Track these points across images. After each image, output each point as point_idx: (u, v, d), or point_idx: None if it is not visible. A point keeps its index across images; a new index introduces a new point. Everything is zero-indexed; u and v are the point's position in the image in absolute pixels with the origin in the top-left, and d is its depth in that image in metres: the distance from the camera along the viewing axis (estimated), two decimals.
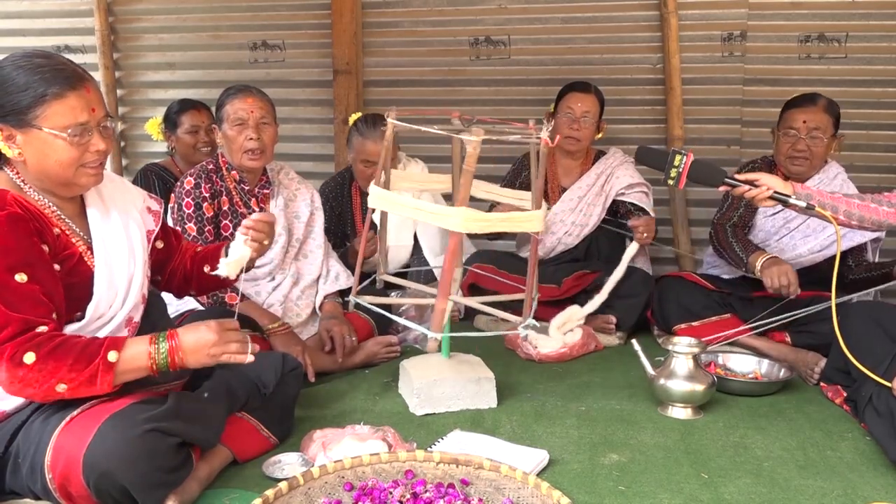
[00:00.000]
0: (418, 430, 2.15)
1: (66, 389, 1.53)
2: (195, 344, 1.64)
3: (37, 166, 1.63)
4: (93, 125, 1.63)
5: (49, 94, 1.57)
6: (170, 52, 4.20)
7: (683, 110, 3.73)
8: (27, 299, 1.53)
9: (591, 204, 3.20)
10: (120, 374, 1.57)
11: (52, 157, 1.60)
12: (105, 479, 1.50)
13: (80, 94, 1.60)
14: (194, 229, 2.54)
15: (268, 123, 2.60)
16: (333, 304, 2.75)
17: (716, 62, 3.74)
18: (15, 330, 1.51)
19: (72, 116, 1.59)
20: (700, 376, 2.26)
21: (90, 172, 1.66)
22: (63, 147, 1.60)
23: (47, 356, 1.51)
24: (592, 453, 2.00)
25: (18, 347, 1.50)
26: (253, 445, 1.95)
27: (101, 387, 1.55)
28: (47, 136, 1.59)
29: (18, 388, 1.52)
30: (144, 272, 1.82)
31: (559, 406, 2.34)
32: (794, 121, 2.80)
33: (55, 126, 1.58)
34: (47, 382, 1.52)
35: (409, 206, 2.15)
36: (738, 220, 2.97)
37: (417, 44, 3.99)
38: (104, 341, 1.57)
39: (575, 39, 3.84)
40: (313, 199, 2.84)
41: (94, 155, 1.64)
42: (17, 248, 1.54)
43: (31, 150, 1.61)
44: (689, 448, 2.04)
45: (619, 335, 3.04)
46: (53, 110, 1.58)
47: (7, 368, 1.50)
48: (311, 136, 4.15)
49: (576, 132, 3.13)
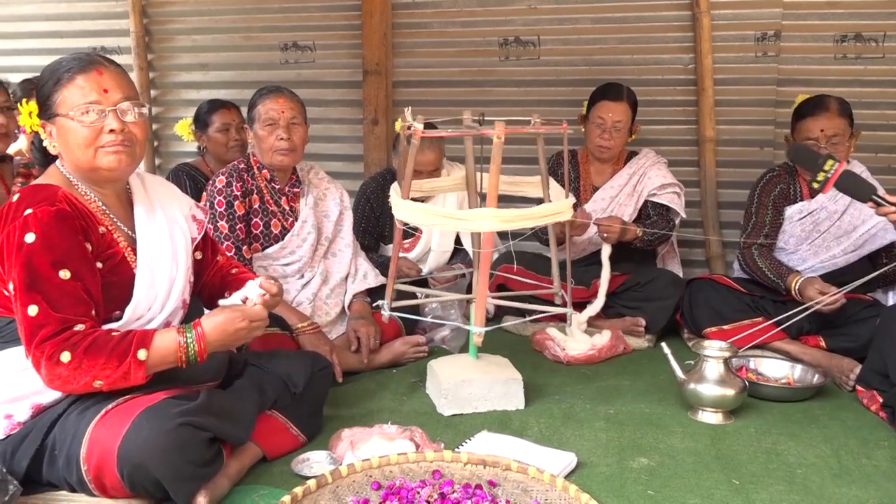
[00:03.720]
0: (446, 430, 2.15)
1: (103, 385, 1.58)
2: (222, 330, 1.68)
3: (66, 156, 1.69)
4: (106, 106, 1.65)
5: (63, 78, 1.64)
6: (202, 54, 4.26)
7: (715, 111, 3.68)
8: (68, 296, 1.57)
9: (622, 204, 3.17)
10: (151, 367, 1.61)
11: (71, 142, 1.65)
12: (139, 471, 1.53)
13: (88, 76, 1.64)
14: (226, 227, 2.57)
15: (298, 124, 2.62)
16: (362, 303, 2.77)
17: (749, 62, 3.68)
18: (54, 329, 1.54)
19: (80, 96, 1.64)
20: (731, 381, 2.23)
21: (108, 151, 1.67)
22: (76, 129, 1.64)
23: (82, 355, 1.54)
24: (621, 457, 1.99)
25: (56, 347, 1.53)
26: (282, 443, 1.96)
27: (134, 381, 1.60)
28: (65, 122, 1.64)
29: (58, 384, 1.57)
30: (187, 277, 1.84)
31: (587, 409, 2.32)
32: (810, 131, 2.75)
33: (69, 108, 1.64)
34: (84, 379, 1.56)
35: (437, 216, 2.16)
36: (764, 239, 2.93)
37: (447, 44, 3.99)
38: (133, 337, 1.60)
39: (605, 40, 3.81)
40: (342, 199, 2.86)
41: (110, 136, 1.66)
42: (62, 245, 1.58)
43: (60, 141, 1.67)
44: (719, 453, 2.02)
45: (648, 338, 3.01)
46: (66, 94, 1.64)
47: (46, 367, 1.54)
48: (340, 136, 4.17)
49: (606, 142, 3.11)
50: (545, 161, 2.36)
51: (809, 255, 2.86)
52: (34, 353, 1.55)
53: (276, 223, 2.69)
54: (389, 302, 2.35)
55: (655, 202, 3.16)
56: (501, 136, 2.00)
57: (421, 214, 2.19)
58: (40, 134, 1.71)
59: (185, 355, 1.64)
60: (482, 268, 2.11)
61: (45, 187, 1.65)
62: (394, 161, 3.16)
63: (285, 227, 2.70)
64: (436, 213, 2.19)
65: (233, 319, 1.69)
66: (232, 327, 1.69)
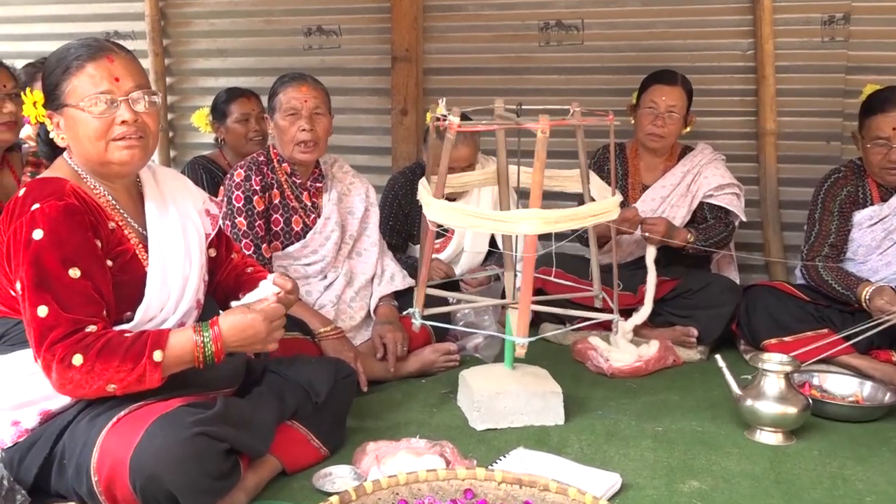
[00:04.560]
0: (478, 446, 2.15)
1: (116, 389, 1.61)
2: (240, 330, 1.70)
3: (75, 149, 1.72)
4: (118, 95, 1.68)
5: (72, 67, 1.67)
6: (221, 39, 4.32)
7: (777, 101, 3.64)
8: (79, 296, 1.60)
9: (674, 205, 3.15)
10: (167, 369, 1.64)
11: (81, 134, 1.68)
12: (152, 482, 1.55)
13: (99, 64, 1.67)
14: (244, 224, 2.60)
15: (322, 114, 2.64)
16: (389, 307, 2.78)
17: (815, 48, 3.63)
18: (65, 331, 1.58)
19: (91, 86, 1.66)
20: (793, 398, 2.20)
21: (121, 146, 1.70)
22: (87, 120, 1.67)
23: (95, 358, 1.57)
24: (670, 479, 1.97)
25: (68, 349, 1.57)
26: (303, 456, 1.98)
27: (150, 384, 1.63)
28: (74, 112, 1.67)
29: (70, 389, 1.60)
30: (201, 276, 1.87)
31: (633, 426, 2.31)
32: (880, 129, 2.71)
33: (78, 98, 1.66)
34: (97, 383, 1.59)
35: (474, 217, 2.13)
36: (829, 250, 2.89)
37: (482, 28, 3.99)
38: (148, 338, 1.63)
39: (655, 23, 3.78)
40: (368, 195, 2.87)
41: (122, 127, 1.68)
42: (71, 242, 1.61)
43: (69, 132, 1.70)
44: (779, 477, 1.99)
45: (700, 349, 2.98)
46: (76, 83, 1.66)
47: (57, 371, 1.57)
48: (367, 127, 4.20)
49: (659, 128, 3.08)
50: (585, 155, 2.34)
51: (881, 267, 2.81)
52: (44, 356, 1.58)
53: (297, 220, 2.72)
54: (421, 309, 2.32)
55: (712, 204, 3.13)
56: (546, 131, 1.99)
57: (456, 215, 2.16)
58: (46, 125, 1.73)
59: (202, 355, 1.66)
60: (525, 273, 2.10)
61: (52, 180, 1.69)
62: (424, 155, 3.16)
63: (307, 224, 2.73)
64: (472, 214, 2.16)
65: (252, 319, 1.71)
66: (250, 327, 1.71)
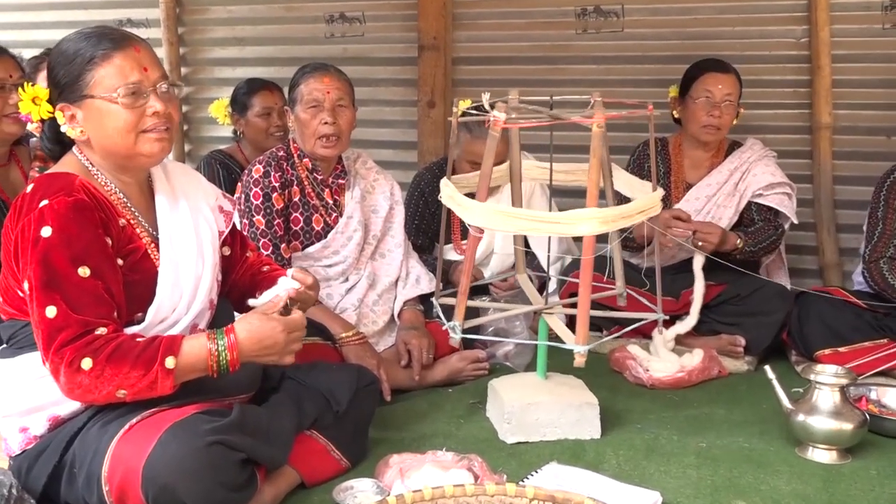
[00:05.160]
0: (509, 460, 2.15)
1: (127, 395, 1.63)
2: (256, 338, 1.70)
3: (99, 142, 1.74)
4: (147, 86, 1.71)
5: (97, 57, 1.69)
6: (239, 27, 4.35)
7: (833, 93, 3.60)
8: (89, 296, 1.63)
9: (721, 206, 3.11)
10: (179, 376, 1.66)
11: (109, 126, 1.71)
12: (165, 493, 1.56)
13: (127, 53, 1.70)
14: (262, 222, 2.62)
15: (345, 106, 2.66)
16: (414, 312, 2.79)
17: (875, 35, 3.58)
18: (74, 333, 1.60)
19: (121, 76, 1.69)
20: (848, 413, 2.18)
21: (152, 138, 1.73)
22: (118, 112, 1.69)
23: (105, 362, 1.59)
24: (714, 499, 1.96)
25: (77, 352, 1.59)
26: (323, 468, 1.99)
27: (161, 391, 1.64)
28: (101, 104, 1.69)
29: (79, 394, 1.62)
30: (214, 275, 1.89)
31: (675, 440, 2.30)
32: None
33: (107, 89, 1.69)
34: (106, 388, 1.61)
35: (526, 220, 2.08)
36: (894, 251, 2.86)
37: (515, 15, 3.98)
38: (160, 344, 1.65)
39: (701, 9, 3.75)
40: (393, 192, 2.88)
41: (153, 118, 1.72)
42: (81, 239, 1.64)
43: (91, 125, 1.72)
44: (833, 499, 1.97)
45: (748, 360, 2.96)
46: (102, 73, 1.69)
47: (66, 374, 1.59)
48: (392, 120, 4.22)
49: (716, 119, 3.06)
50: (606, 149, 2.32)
51: None
52: (52, 358, 1.60)
53: (318, 219, 2.73)
54: (461, 322, 2.21)
55: (761, 204, 3.09)
56: (602, 125, 1.99)
57: (504, 219, 2.09)
58: (57, 119, 1.74)
59: (216, 364, 1.68)
60: (584, 276, 2.08)
61: (61, 176, 1.72)
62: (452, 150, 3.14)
63: (328, 223, 2.74)
64: (524, 216, 2.09)
65: (271, 329, 1.72)
66: (269, 337, 1.72)
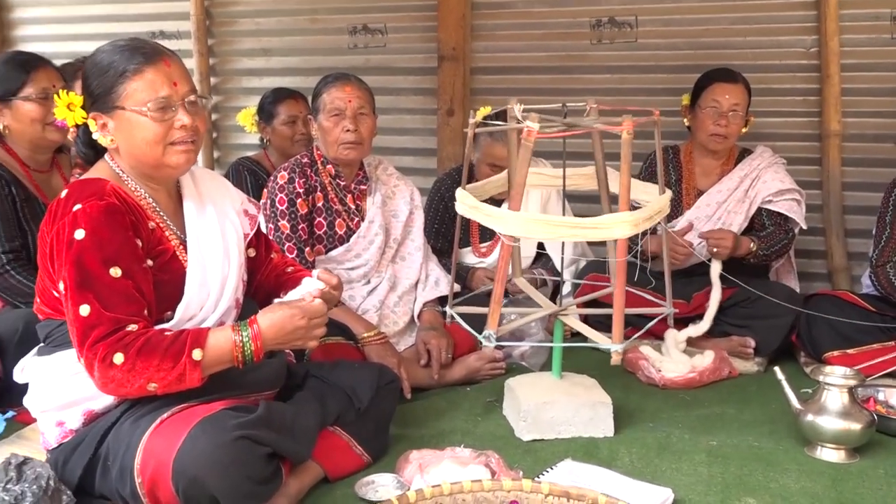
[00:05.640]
0: (524, 456, 2.15)
1: (157, 387, 1.65)
2: (278, 327, 1.73)
3: (128, 151, 1.76)
4: (176, 100, 1.74)
5: (129, 71, 1.71)
6: (265, 38, 4.38)
7: (842, 101, 3.56)
8: (120, 295, 1.65)
9: (731, 211, 3.09)
10: (207, 368, 1.68)
11: (138, 137, 1.73)
12: (194, 485, 1.58)
13: (158, 68, 1.72)
14: (287, 227, 2.64)
15: (366, 114, 2.67)
16: (433, 313, 2.79)
17: (884, 45, 3.55)
18: (106, 330, 1.62)
19: (152, 91, 1.71)
20: (856, 413, 2.16)
21: (179, 150, 1.76)
22: (147, 124, 1.71)
23: (136, 356, 1.61)
24: (725, 496, 1.95)
25: (109, 348, 1.61)
26: (345, 463, 2.00)
27: (190, 383, 1.66)
28: (131, 116, 1.72)
29: (112, 388, 1.65)
30: (239, 276, 1.91)
31: (686, 439, 2.28)
32: None
33: (137, 102, 1.71)
34: (137, 382, 1.63)
35: (564, 227, 2.05)
36: None
37: (532, 26, 3.98)
38: (187, 337, 1.67)
39: (713, 20, 3.73)
40: (413, 197, 2.89)
41: (181, 132, 1.74)
42: (112, 242, 1.66)
43: (121, 135, 1.75)
44: (841, 497, 1.95)
45: (758, 361, 2.93)
46: (134, 87, 1.71)
47: (99, 369, 1.62)
48: (412, 128, 4.22)
49: (723, 128, 3.04)
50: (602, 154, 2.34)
51: None
52: (86, 354, 1.63)
53: (340, 223, 2.74)
54: (496, 330, 2.14)
55: (771, 210, 3.07)
56: (630, 131, 1.99)
57: (543, 227, 2.06)
58: (90, 126, 1.77)
59: (241, 354, 1.70)
60: (619, 278, 2.08)
61: (93, 181, 1.74)
62: (473, 157, 3.14)
63: (350, 227, 2.75)
64: (561, 223, 2.07)
65: (291, 316, 1.74)
66: (290, 324, 1.74)
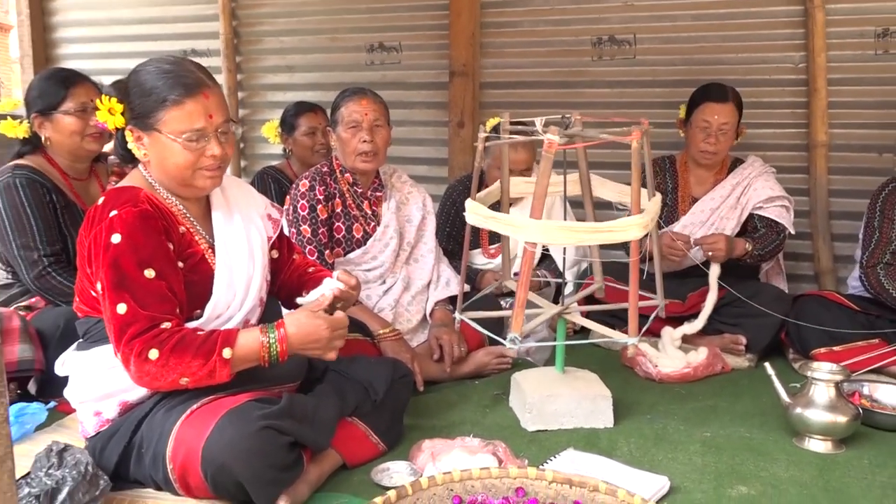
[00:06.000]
0: (529, 446, 2.15)
1: (189, 382, 1.66)
2: (304, 333, 1.74)
3: (158, 167, 1.78)
4: (210, 131, 1.74)
5: (169, 101, 1.70)
6: (289, 55, 4.41)
7: (828, 114, 3.54)
8: (154, 295, 1.66)
9: (724, 218, 3.07)
10: (235, 366, 1.69)
11: (170, 160, 1.74)
12: (222, 472, 1.59)
13: (197, 101, 1.72)
14: (308, 231, 2.65)
15: (381, 126, 2.68)
16: (444, 311, 2.79)
17: (868, 61, 3.52)
18: (142, 327, 1.64)
19: (188, 122, 1.71)
20: (842, 407, 2.14)
21: (207, 175, 1.78)
22: (179, 151, 1.73)
23: (170, 353, 1.63)
24: (718, 483, 1.93)
25: (145, 344, 1.63)
26: (362, 451, 2.01)
27: (219, 379, 1.68)
28: (166, 140, 1.72)
29: (147, 381, 1.67)
30: (263, 276, 1.92)
31: (681, 430, 2.27)
32: None
33: (173, 131, 1.71)
34: (171, 376, 1.64)
35: (583, 232, 2.03)
36: (891, 257, 2.79)
37: (537, 44, 3.98)
38: (218, 336, 1.69)
39: (707, 37, 3.72)
40: (425, 203, 2.90)
41: (210, 160, 1.76)
42: (146, 245, 1.68)
43: (154, 152, 1.76)
44: (828, 485, 1.94)
45: (749, 357, 2.91)
46: (172, 115, 1.71)
47: (135, 364, 1.63)
48: (425, 139, 4.23)
49: (712, 146, 3.01)
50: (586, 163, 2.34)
51: None
52: (123, 350, 1.64)
53: (358, 228, 2.75)
54: (520, 333, 2.09)
55: (762, 215, 3.05)
56: (640, 140, 1.98)
57: (562, 233, 2.05)
58: (126, 136, 1.78)
59: (267, 354, 1.72)
60: (633, 276, 2.08)
61: (127, 189, 1.76)
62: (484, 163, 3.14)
63: (367, 231, 2.76)
64: (582, 229, 2.05)
65: (317, 326, 1.75)
66: (315, 334, 1.75)
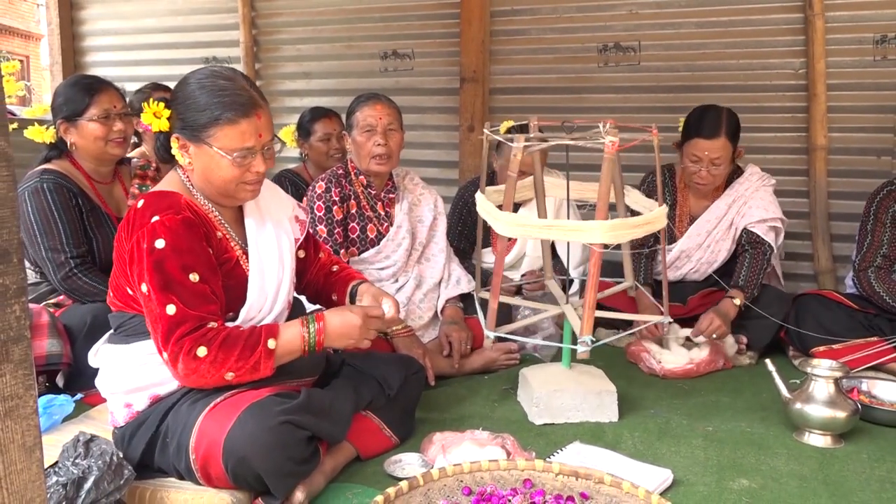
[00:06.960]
0: (537, 439, 2.14)
1: (234, 377, 1.67)
2: (340, 327, 1.77)
3: (202, 177, 1.77)
4: (257, 149, 1.74)
5: (223, 119, 1.70)
6: (306, 63, 4.42)
7: (828, 118, 3.52)
8: (199, 297, 1.67)
9: (719, 240, 2.99)
10: (278, 358, 1.71)
11: (216, 173, 1.74)
12: (242, 464, 1.60)
13: (251, 121, 1.72)
14: (325, 231, 2.66)
15: (395, 130, 2.68)
16: (455, 308, 2.79)
17: (866, 66, 3.50)
18: (191, 326, 1.64)
19: (240, 141, 1.71)
20: (842, 402, 2.12)
21: (248, 189, 1.79)
22: (227, 166, 1.73)
23: (218, 349, 1.64)
24: (720, 476, 1.92)
25: (194, 342, 1.63)
26: (376, 444, 2.01)
27: (263, 372, 1.69)
28: (215, 154, 1.72)
29: (194, 379, 1.67)
30: (291, 279, 1.93)
31: (684, 425, 2.26)
32: None
33: (223, 147, 1.71)
34: (218, 373, 1.65)
35: (544, 227, 2.10)
36: (882, 260, 2.77)
37: (544, 51, 3.99)
38: (261, 330, 1.70)
39: (709, 44, 3.71)
40: (436, 204, 2.90)
41: (254, 175, 1.76)
42: (190, 250, 1.68)
43: (200, 163, 1.75)
44: (827, 479, 1.92)
45: (750, 354, 2.89)
46: (224, 133, 1.70)
47: (185, 361, 1.64)
48: (436, 142, 4.24)
49: (704, 178, 2.87)
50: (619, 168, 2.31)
51: None
52: (172, 348, 1.63)
53: (371, 228, 2.75)
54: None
55: (749, 230, 2.94)
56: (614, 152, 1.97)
57: (521, 227, 2.09)
58: (171, 143, 1.77)
59: (307, 346, 1.74)
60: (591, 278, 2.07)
61: (167, 194, 1.75)
62: (494, 162, 3.14)
63: (381, 231, 2.76)
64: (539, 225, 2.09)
65: (353, 319, 1.79)
66: (349, 325, 1.78)
